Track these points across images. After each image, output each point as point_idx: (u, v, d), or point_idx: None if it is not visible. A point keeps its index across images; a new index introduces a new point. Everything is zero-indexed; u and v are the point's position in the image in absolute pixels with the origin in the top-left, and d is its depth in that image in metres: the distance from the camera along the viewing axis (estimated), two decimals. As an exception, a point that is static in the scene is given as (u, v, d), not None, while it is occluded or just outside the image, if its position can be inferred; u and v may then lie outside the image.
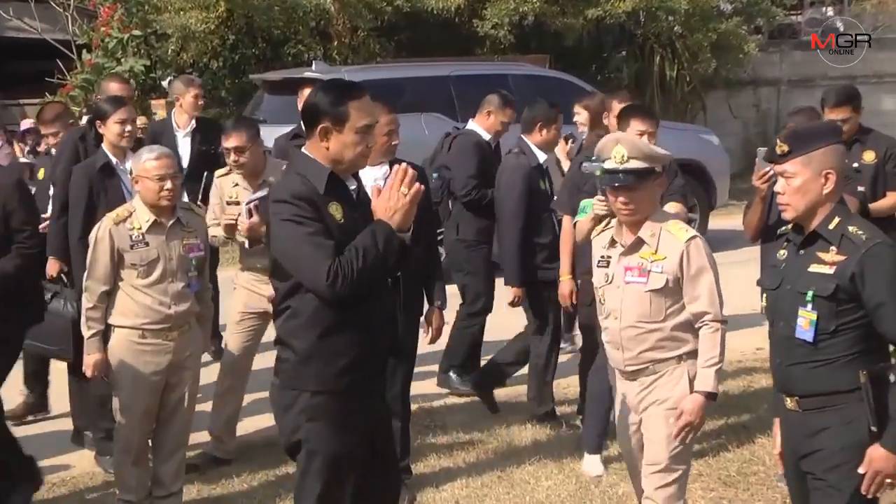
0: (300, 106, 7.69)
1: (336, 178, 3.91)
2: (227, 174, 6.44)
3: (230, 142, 6.18)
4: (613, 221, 4.64)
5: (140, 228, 5.31)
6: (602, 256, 4.63)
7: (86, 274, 5.36)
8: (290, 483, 5.93)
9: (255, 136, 6.19)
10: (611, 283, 4.54)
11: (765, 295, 3.98)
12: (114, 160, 6.25)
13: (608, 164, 4.48)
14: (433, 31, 16.96)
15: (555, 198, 6.79)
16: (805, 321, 3.68)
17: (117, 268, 5.30)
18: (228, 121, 6.15)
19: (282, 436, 4.04)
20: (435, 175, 7.73)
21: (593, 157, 5.87)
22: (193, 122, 8.62)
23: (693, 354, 4.43)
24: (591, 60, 18.43)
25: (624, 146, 4.44)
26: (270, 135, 11.43)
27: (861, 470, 3.59)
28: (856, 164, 6.42)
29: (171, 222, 5.37)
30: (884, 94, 20.66)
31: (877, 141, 6.61)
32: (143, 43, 15.52)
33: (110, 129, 6.26)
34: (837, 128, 3.96)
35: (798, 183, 3.71)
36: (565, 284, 6.40)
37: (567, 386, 7.46)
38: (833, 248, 3.66)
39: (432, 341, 5.91)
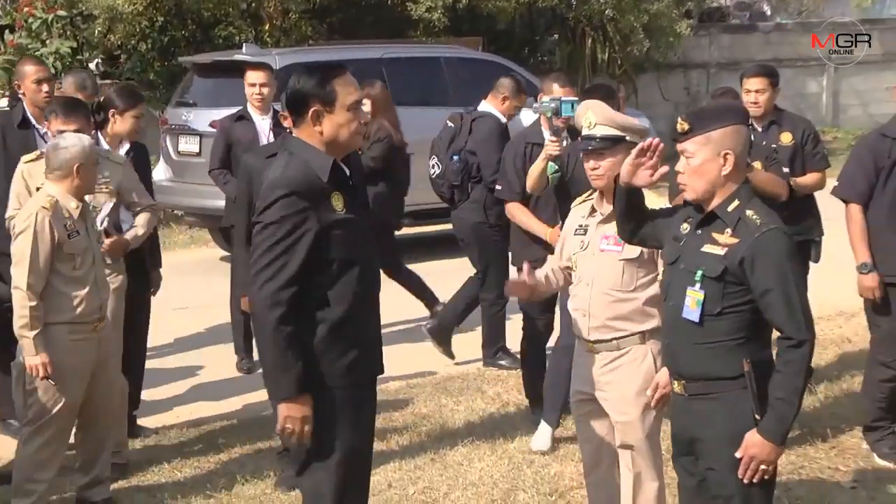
0: (247, 90, 7.69)
1: (337, 166, 3.86)
2: (36, 159, 5.84)
3: (57, 125, 5.65)
4: (595, 193, 4.66)
5: (71, 217, 5.17)
6: (580, 225, 4.65)
7: (25, 271, 5.05)
8: (222, 470, 5.94)
9: (87, 118, 5.85)
10: (586, 250, 4.56)
11: (662, 269, 3.98)
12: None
13: (584, 131, 4.54)
14: (366, 13, 16.91)
15: (498, 187, 6.81)
16: (692, 300, 3.68)
17: (51, 261, 5.11)
18: (53, 104, 5.84)
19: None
20: (455, 157, 7.75)
21: (545, 100, 6.07)
22: None
23: (657, 333, 4.44)
24: (523, 44, 18.50)
25: (593, 113, 4.50)
26: (200, 118, 11.42)
27: (738, 454, 3.62)
28: (774, 146, 6.52)
29: (86, 208, 5.32)
30: (808, 77, 21.01)
31: (793, 122, 6.71)
32: (69, 24, 15.24)
33: (126, 122, 6.28)
34: (740, 109, 3.93)
35: (697, 162, 3.70)
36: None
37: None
38: (728, 230, 3.65)
39: None
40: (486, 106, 7.79)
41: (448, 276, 8.41)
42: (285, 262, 3.72)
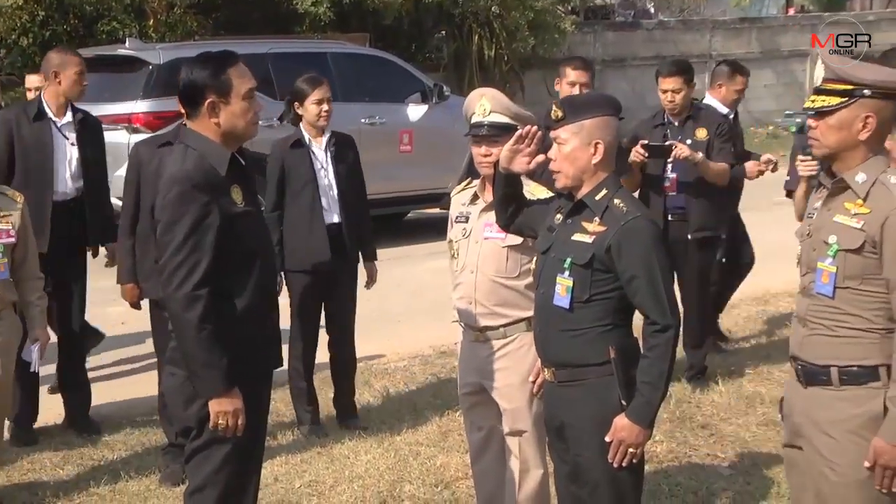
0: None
1: (234, 158, 3.83)
2: None
3: None
4: (476, 180, 4.68)
5: None
6: (461, 213, 4.67)
7: None
8: (106, 467, 5.87)
9: None
10: (468, 237, 4.59)
11: (535, 259, 4.04)
12: (307, 137, 6.34)
13: (474, 118, 4.54)
14: (252, 8, 16.78)
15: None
16: (562, 288, 3.75)
17: None
18: None
19: (180, 426, 3.98)
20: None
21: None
22: None
23: None
24: (410, 40, 18.54)
25: (487, 100, 4.52)
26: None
27: (607, 439, 3.71)
28: (689, 141, 6.74)
29: None
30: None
31: (708, 118, 6.97)
32: (-54, 18, 14.87)
33: (308, 110, 6.33)
34: (613, 100, 4.01)
35: (567, 150, 3.77)
36: None
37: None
38: (597, 218, 3.74)
39: None
40: (709, 99, 7.56)
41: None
42: (197, 259, 3.68)
